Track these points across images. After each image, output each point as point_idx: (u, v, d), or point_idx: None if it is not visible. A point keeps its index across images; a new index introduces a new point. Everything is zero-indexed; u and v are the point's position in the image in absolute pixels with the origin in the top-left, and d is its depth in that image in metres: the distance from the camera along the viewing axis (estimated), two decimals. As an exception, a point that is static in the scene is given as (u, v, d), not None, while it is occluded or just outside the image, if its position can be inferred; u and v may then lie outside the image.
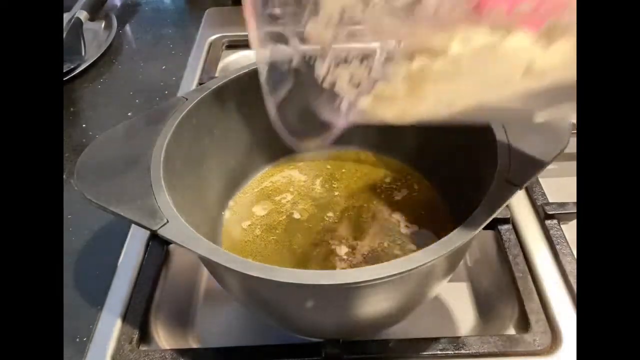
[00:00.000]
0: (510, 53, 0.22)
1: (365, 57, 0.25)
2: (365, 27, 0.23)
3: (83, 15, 0.77)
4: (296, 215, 0.44)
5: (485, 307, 0.42)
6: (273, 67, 0.27)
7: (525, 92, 0.22)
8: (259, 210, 0.45)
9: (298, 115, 0.29)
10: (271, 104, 0.28)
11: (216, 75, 0.68)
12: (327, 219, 0.44)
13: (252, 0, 0.25)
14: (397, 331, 0.39)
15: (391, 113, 0.26)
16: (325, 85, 0.26)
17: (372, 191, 0.46)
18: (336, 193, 0.46)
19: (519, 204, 0.47)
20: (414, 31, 0.23)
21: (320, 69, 0.25)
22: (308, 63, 0.26)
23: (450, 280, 0.37)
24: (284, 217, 0.44)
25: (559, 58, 0.21)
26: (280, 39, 0.26)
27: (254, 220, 0.44)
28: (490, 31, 0.22)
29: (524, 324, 0.38)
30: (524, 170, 0.31)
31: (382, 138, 0.48)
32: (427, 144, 0.44)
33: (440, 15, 0.22)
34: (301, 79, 0.27)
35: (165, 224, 0.30)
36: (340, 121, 0.28)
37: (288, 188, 0.47)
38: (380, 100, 0.26)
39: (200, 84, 0.65)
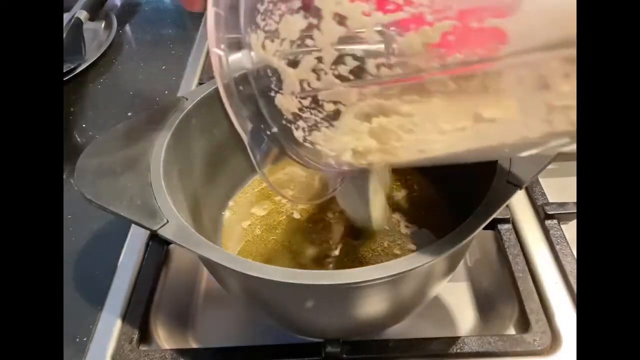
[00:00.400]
0: (454, 104, 0.23)
1: (331, 120, 0.27)
2: (323, 94, 0.25)
3: (83, 15, 0.77)
4: (296, 215, 0.44)
5: (485, 307, 0.42)
6: (255, 135, 0.28)
7: (492, 136, 0.23)
8: (259, 210, 0.45)
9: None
10: (261, 169, 0.30)
11: (216, 75, 0.68)
12: (326, 218, 0.44)
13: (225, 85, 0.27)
14: (397, 331, 0.39)
15: (374, 162, 0.27)
16: (308, 145, 0.28)
17: (372, 191, 0.46)
18: (336, 193, 0.46)
19: (519, 204, 0.47)
20: (364, 93, 0.25)
21: (297, 134, 0.27)
22: (285, 127, 0.27)
23: (450, 280, 0.37)
24: (284, 217, 0.44)
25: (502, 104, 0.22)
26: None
27: (254, 220, 0.44)
28: (432, 86, 0.23)
29: (524, 324, 0.38)
30: (524, 170, 0.31)
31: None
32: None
33: (382, 75, 0.23)
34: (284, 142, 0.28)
35: (165, 224, 0.30)
36: (333, 173, 0.29)
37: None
38: (359, 154, 0.27)
39: (200, 84, 0.65)
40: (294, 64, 0.25)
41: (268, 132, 0.28)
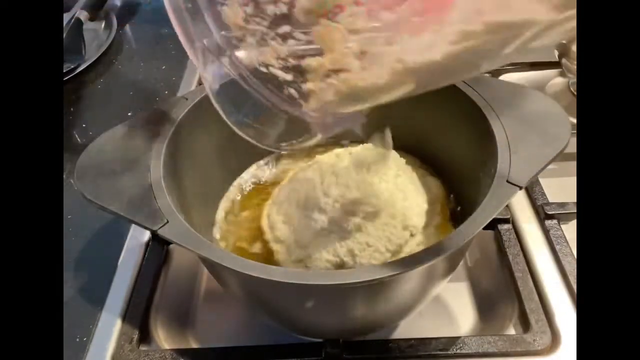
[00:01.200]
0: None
1: (279, 33, 0.26)
2: None
3: (83, 15, 0.77)
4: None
5: (485, 307, 0.42)
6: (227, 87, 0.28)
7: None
8: (257, 210, 0.45)
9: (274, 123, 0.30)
10: (236, 125, 0.29)
11: (216, 75, 0.68)
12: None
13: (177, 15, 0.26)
14: (397, 331, 0.39)
15: (340, 89, 0.25)
16: (263, 69, 0.26)
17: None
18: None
19: (519, 204, 0.47)
20: None
21: (250, 54, 0.26)
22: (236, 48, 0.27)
23: (450, 280, 0.37)
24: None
25: None
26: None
27: (252, 220, 0.44)
28: None
29: (524, 324, 0.38)
30: (524, 170, 0.31)
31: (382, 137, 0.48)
32: (427, 144, 0.44)
33: None
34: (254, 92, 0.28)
35: (165, 224, 0.30)
36: (306, 114, 0.28)
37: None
38: (315, 74, 0.26)
39: (200, 84, 0.65)
40: None
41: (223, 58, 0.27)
